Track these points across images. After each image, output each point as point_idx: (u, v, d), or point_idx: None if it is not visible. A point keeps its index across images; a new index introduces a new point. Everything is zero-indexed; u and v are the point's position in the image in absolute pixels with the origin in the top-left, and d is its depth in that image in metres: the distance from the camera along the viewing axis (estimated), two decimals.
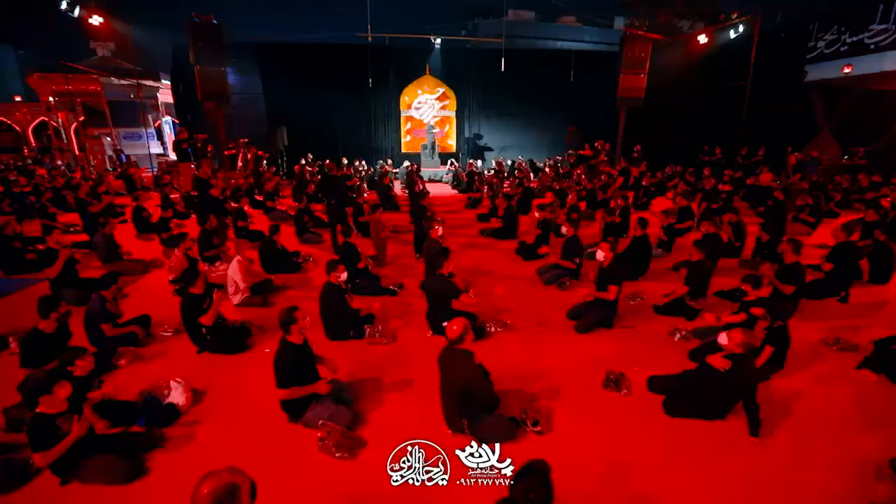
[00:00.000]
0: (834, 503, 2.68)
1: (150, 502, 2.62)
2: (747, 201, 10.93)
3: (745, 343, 3.09)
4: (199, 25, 12.74)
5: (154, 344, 4.56)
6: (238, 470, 1.70)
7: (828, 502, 2.68)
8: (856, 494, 2.67)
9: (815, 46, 14.81)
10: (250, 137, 15.51)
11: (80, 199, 9.05)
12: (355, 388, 3.70)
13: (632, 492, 2.77)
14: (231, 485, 1.63)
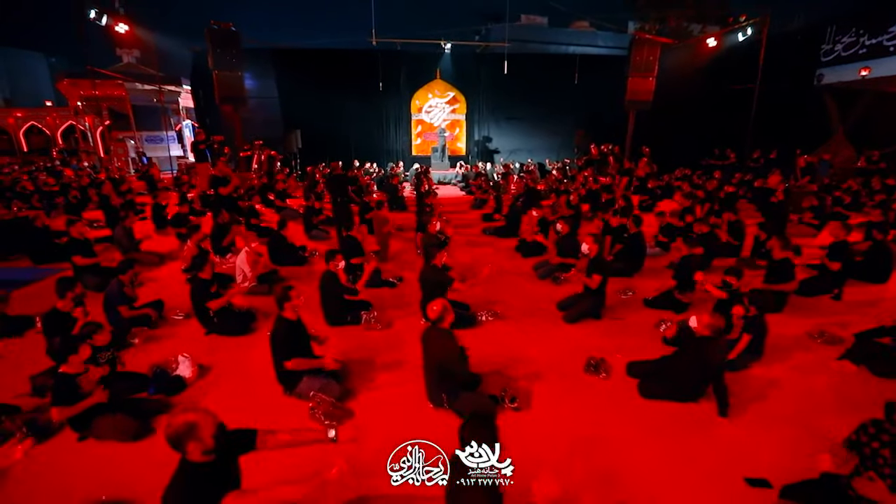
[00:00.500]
0: (788, 477, 2.81)
1: (154, 458, 2.89)
2: (755, 204, 10.92)
3: (712, 325, 3.25)
4: (217, 32, 13.29)
5: (166, 326, 4.89)
6: (205, 412, 1.95)
7: (783, 476, 2.81)
8: (811, 469, 2.80)
9: (833, 49, 14.68)
10: (265, 140, 16.02)
11: (104, 196, 9.55)
12: (348, 366, 3.95)
13: (597, 464, 2.94)
14: (189, 423, 1.88)
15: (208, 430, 1.90)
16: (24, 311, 4.87)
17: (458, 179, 17.10)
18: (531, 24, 44.19)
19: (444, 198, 13.56)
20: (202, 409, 2.00)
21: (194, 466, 1.92)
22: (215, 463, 1.96)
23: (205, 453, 1.91)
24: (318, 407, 3.27)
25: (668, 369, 3.58)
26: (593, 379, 3.90)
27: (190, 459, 1.91)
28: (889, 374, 3.95)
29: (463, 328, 4.75)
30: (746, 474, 2.81)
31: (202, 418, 1.90)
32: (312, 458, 2.84)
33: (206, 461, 1.93)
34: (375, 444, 3.04)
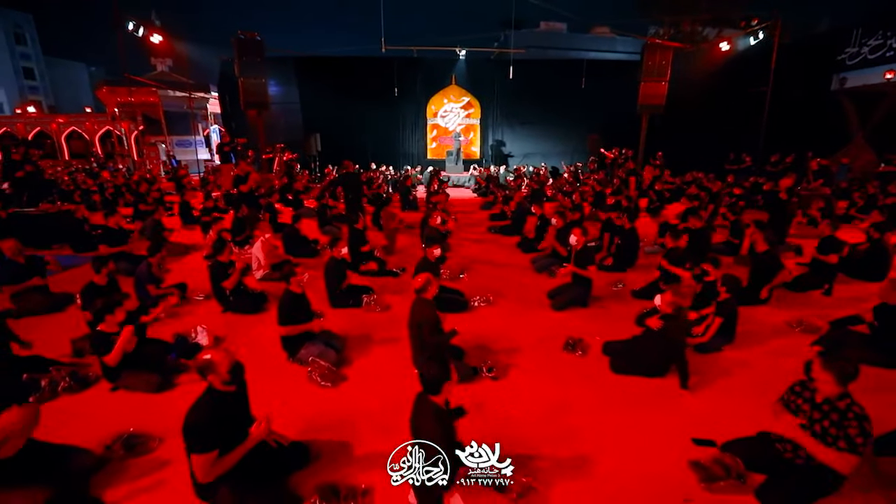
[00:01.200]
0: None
1: (173, 406, 3.33)
2: (766, 208, 10.93)
3: (673, 303, 3.53)
4: (243, 41, 14.09)
5: (188, 305, 5.42)
6: (227, 352, 2.39)
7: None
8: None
9: (859, 52, 14.53)
10: (286, 143, 16.79)
11: (138, 193, 10.31)
12: (347, 340, 4.37)
13: (560, 424, 3.25)
14: (210, 360, 2.32)
15: (224, 366, 2.34)
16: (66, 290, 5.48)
17: (471, 182, 17.48)
18: (550, 30, 44.48)
19: (456, 199, 13.96)
20: (225, 349, 2.45)
21: (216, 392, 2.36)
22: (233, 393, 2.41)
23: (223, 384, 2.35)
24: (315, 370, 3.69)
25: (637, 347, 3.87)
26: (570, 356, 4.20)
27: (214, 387, 2.35)
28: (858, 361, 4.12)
29: (456, 312, 5.13)
30: (697, 437, 3.08)
31: (221, 357, 2.35)
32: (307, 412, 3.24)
33: (226, 390, 2.37)
34: (364, 400, 3.44)
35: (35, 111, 32.14)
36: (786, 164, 13.84)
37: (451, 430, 2.31)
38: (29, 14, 43.17)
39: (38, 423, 2.42)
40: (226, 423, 2.33)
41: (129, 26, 12.90)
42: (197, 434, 2.22)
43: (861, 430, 2.26)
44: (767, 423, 2.79)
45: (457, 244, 8.45)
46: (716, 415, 3.34)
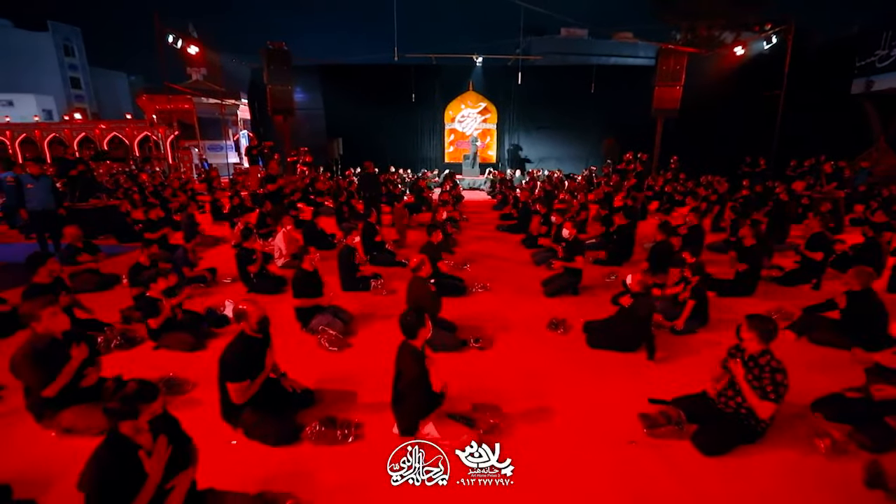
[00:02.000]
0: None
1: (203, 362, 3.93)
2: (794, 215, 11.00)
3: (642, 282, 3.94)
4: (272, 51, 15.03)
5: (217, 287, 6.08)
6: (257, 305, 2.96)
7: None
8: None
9: (889, 54, 14.39)
10: (310, 147, 17.66)
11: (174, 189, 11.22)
12: (354, 316, 4.92)
13: (533, 386, 3.69)
14: (244, 309, 2.89)
15: (255, 317, 2.92)
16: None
17: (486, 185, 17.96)
18: (571, 36, 44.65)
19: (470, 201, 14.48)
20: (256, 302, 3.02)
21: (246, 336, 2.95)
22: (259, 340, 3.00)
23: (253, 331, 2.93)
24: (324, 337, 4.24)
25: (610, 323, 4.28)
26: (553, 334, 4.64)
27: (245, 333, 2.93)
28: (825, 343, 4.41)
29: (455, 296, 5.63)
30: (653, 398, 3.47)
31: (254, 310, 2.93)
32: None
33: (254, 336, 2.95)
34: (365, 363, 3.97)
35: (81, 118, 34.34)
36: (804, 169, 13.82)
37: (425, 368, 2.79)
38: (77, 27, 46.07)
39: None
40: (252, 361, 2.89)
41: (170, 39, 13.96)
42: (230, 367, 2.80)
43: (773, 381, 2.65)
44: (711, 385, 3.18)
45: (465, 241, 8.96)
46: (675, 382, 3.71)
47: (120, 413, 1.83)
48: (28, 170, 7.21)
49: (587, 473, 2.72)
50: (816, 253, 6.17)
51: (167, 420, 2.12)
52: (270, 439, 2.84)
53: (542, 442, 2.99)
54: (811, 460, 2.81)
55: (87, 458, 1.88)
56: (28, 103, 37.55)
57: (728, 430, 2.83)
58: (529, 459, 2.78)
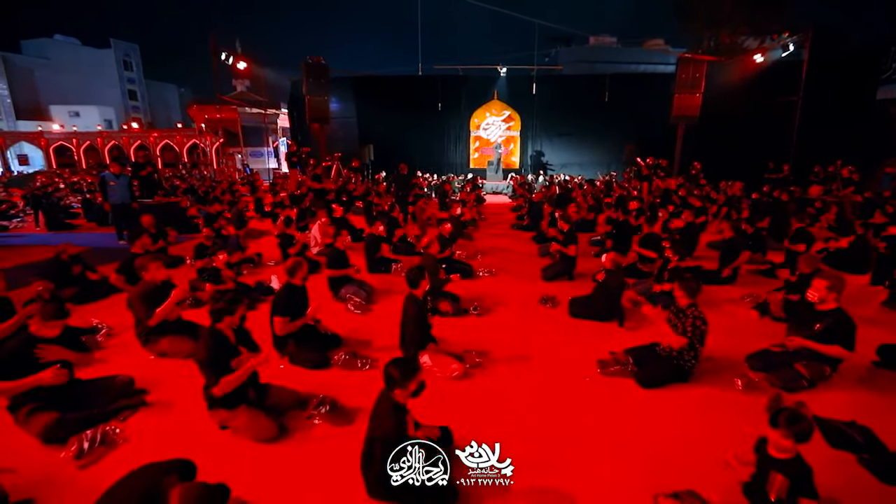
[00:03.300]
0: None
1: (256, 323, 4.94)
2: (794, 216, 11.31)
3: (614, 261, 4.69)
4: (311, 65, 16.43)
5: (262, 268, 7.18)
6: (306, 262, 3.93)
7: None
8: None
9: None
10: (343, 153, 18.98)
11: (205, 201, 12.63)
12: (375, 291, 5.86)
13: (516, 342, 4.48)
14: (299, 262, 3.86)
15: (303, 272, 3.89)
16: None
17: (508, 190, 18.73)
18: (600, 44, 44.90)
19: (492, 204, 15.33)
20: (304, 259, 4.00)
21: (292, 286, 3.93)
22: (301, 288, 3.97)
23: (300, 280, 3.90)
24: (350, 303, 5.19)
25: (591, 298, 5.03)
26: (542, 307, 5.43)
27: (292, 283, 3.91)
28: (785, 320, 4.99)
29: (464, 278, 6.48)
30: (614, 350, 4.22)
31: (304, 265, 3.91)
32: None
33: (298, 285, 3.92)
34: (383, 323, 4.89)
35: (137, 127, 37.41)
36: (827, 174, 13.92)
37: (423, 310, 3.65)
38: (136, 44, 50.02)
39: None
40: (294, 304, 3.86)
41: (223, 56, 15.57)
42: (277, 304, 3.78)
43: (692, 325, 3.39)
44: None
45: (481, 237, 9.81)
46: (638, 342, 4.43)
47: (224, 311, 2.82)
48: (111, 170, 8.60)
49: (550, 399, 3.51)
50: (799, 245, 6.68)
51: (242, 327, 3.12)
52: (308, 364, 3.79)
53: (517, 377, 3.81)
54: (729, 394, 3.51)
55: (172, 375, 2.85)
56: (92, 114, 41.05)
57: (662, 368, 3.56)
58: (506, 388, 3.60)
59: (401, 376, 2.30)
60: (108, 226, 9.98)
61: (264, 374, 3.31)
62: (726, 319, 5.10)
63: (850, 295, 5.79)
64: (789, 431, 2.09)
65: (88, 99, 43.24)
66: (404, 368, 2.34)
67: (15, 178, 23.00)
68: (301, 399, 3.25)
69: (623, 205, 11.42)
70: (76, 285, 5.54)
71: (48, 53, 44.88)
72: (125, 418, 3.11)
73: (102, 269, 6.20)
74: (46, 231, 10.66)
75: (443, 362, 3.65)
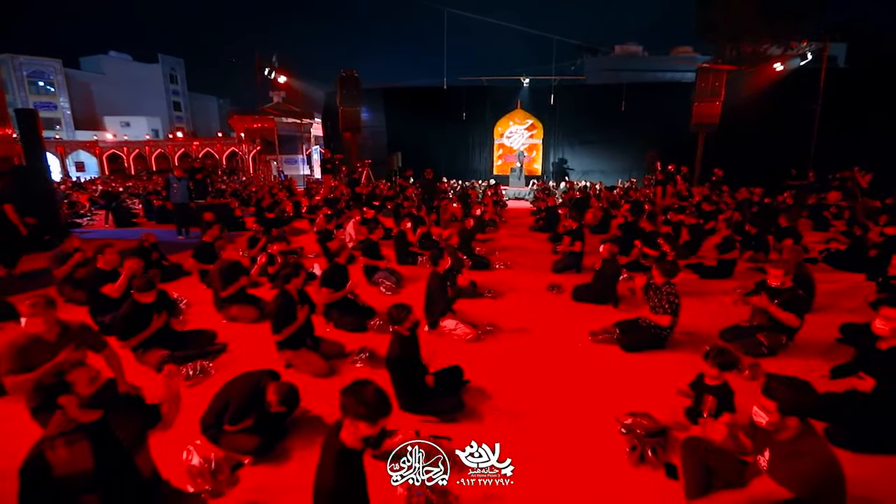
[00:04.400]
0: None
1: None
2: (811, 220, 11.62)
3: (608, 250, 5.39)
4: (345, 78, 17.67)
5: (305, 259, 8.17)
6: (350, 249, 4.83)
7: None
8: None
9: None
10: (373, 160, 20.14)
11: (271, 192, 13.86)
12: (405, 277, 6.72)
13: (524, 318, 5.24)
14: (344, 243, 4.76)
15: (345, 255, 4.78)
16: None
17: (530, 195, 19.41)
18: (625, 53, 45.03)
19: (514, 208, 16.07)
20: (350, 248, 4.90)
21: (336, 265, 4.82)
22: (344, 267, 4.85)
23: (346, 261, 4.80)
24: (382, 286, 6.07)
25: (591, 284, 5.73)
26: (550, 293, 6.16)
27: (337, 262, 4.81)
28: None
29: (481, 270, 7.27)
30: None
31: (347, 247, 4.80)
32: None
33: (341, 265, 4.82)
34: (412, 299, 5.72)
35: (182, 136, 40.02)
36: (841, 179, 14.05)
37: (446, 288, 4.46)
38: (181, 59, 53.33)
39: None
40: (338, 279, 4.75)
41: (266, 71, 16.99)
42: (325, 279, 4.67)
43: (668, 301, 4.07)
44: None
45: (500, 237, 10.58)
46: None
47: (292, 274, 3.73)
48: (175, 173, 9.83)
49: (546, 358, 4.26)
50: (785, 240, 7.17)
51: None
52: (349, 327, 4.66)
53: (520, 342, 4.58)
54: (697, 358, 4.14)
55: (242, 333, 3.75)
56: (141, 124, 44.01)
57: (642, 336, 4.25)
58: (510, 349, 4.37)
59: (397, 315, 3.22)
60: (168, 223, 11.29)
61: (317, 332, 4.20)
62: (714, 305, 5.70)
63: (843, 290, 6.40)
64: (715, 362, 2.79)
65: (137, 110, 46.41)
66: (399, 309, 3.25)
67: (76, 183, 25.25)
68: (345, 351, 4.12)
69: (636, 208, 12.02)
70: (154, 268, 6.63)
71: (103, 68, 48.49)
72: (213, 358, 4.05)
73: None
74: (115, 227, 12.07)
75: (461, 326, 4.46)
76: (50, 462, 1.66)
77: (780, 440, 2.07)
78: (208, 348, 4.11)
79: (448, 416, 3.12)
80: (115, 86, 47.56)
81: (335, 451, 1.86)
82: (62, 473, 1.67)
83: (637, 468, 2.72)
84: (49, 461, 1.66)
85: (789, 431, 2.04)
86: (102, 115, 44.99)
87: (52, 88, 41.60)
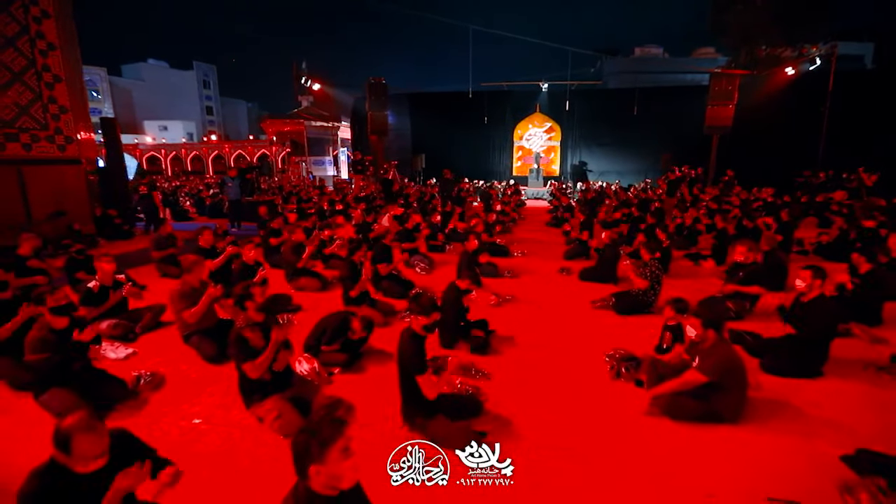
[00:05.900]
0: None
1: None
2: (816, 217, 12.28)
3: (610, 236, 6.39)
4: (373, 84, 18.98)
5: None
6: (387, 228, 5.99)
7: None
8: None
9: None
10: (399, 161, 21.41)
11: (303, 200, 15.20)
12: (435, 261, 7.83)
13: (536, 295, 6.28)
14: (385, 227, 5.92)
15: (392, 235, 5.92)
16: None
17: (547, 195, 20.35)
18: (645, 55, 45.36)
19: (531, 207, 17.07)
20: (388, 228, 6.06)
21: (385, 245, 5.97)
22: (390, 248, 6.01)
23: (391, 241, 5.95)
24: (417, 267, 7.21)
25: (595, 266, 6.74)
26: (560, 276, 7.19)
27: (384, 243, 5.97)
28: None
29: (500, 257, 8.33)
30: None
31: (391, 230, 5.94)
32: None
33: (389, 245, 5.97)
34: (440, 280, 6.83)
35: (216, 139, 42.20)
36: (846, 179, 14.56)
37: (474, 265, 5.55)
38: (213, 65, 55.92)
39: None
40: (385, 256, 5.90)
41: (302, 80, 18.41)
42: (375, 258, 5.81)
43: (651, 272, 5.06)
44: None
45: (518, 231, 11.62)
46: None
47: (356, 248, 4.88)
48: (229, 174, 11.20)
49: (554, 325, 5.29)
50: (776, 236, 8.00)
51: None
52: (395, 296, 5.78)
53: (533, 307, 5.64)
54: None
55: (310, 299, 4.94)
56: (177, 128, 46.47)
57: (631, 301, 5.26)
58: (524, 312, 5.44)
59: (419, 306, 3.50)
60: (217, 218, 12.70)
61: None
62: (702, 284, 6.63)
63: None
64: (672, 307, 3.80)
65: (174, 114, 49.01)
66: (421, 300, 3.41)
67: (152, 182, 27.41)
68: (395, 310, 5.27)
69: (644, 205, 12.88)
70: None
71: (143, 75, 51.34)
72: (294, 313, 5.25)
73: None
74: (173, 222, 13.58)
75: (484, 295, 5.54)
76: (247, 337, 2.87)
77: (703, 348, 3.10)
78: (288, 306, 5.31)
79: (480, 350, 4.21)
80: (154, 92, 50.32)
81: (409, 334, 3.04)
82: (254, 346, 2.86)
83: (614, 382, 3.77)
84: (247, 337, 2.87)
85: (708, 342, 3.07)
86: (142, 119, 47.71)
87: (99, 95, 44.41)
